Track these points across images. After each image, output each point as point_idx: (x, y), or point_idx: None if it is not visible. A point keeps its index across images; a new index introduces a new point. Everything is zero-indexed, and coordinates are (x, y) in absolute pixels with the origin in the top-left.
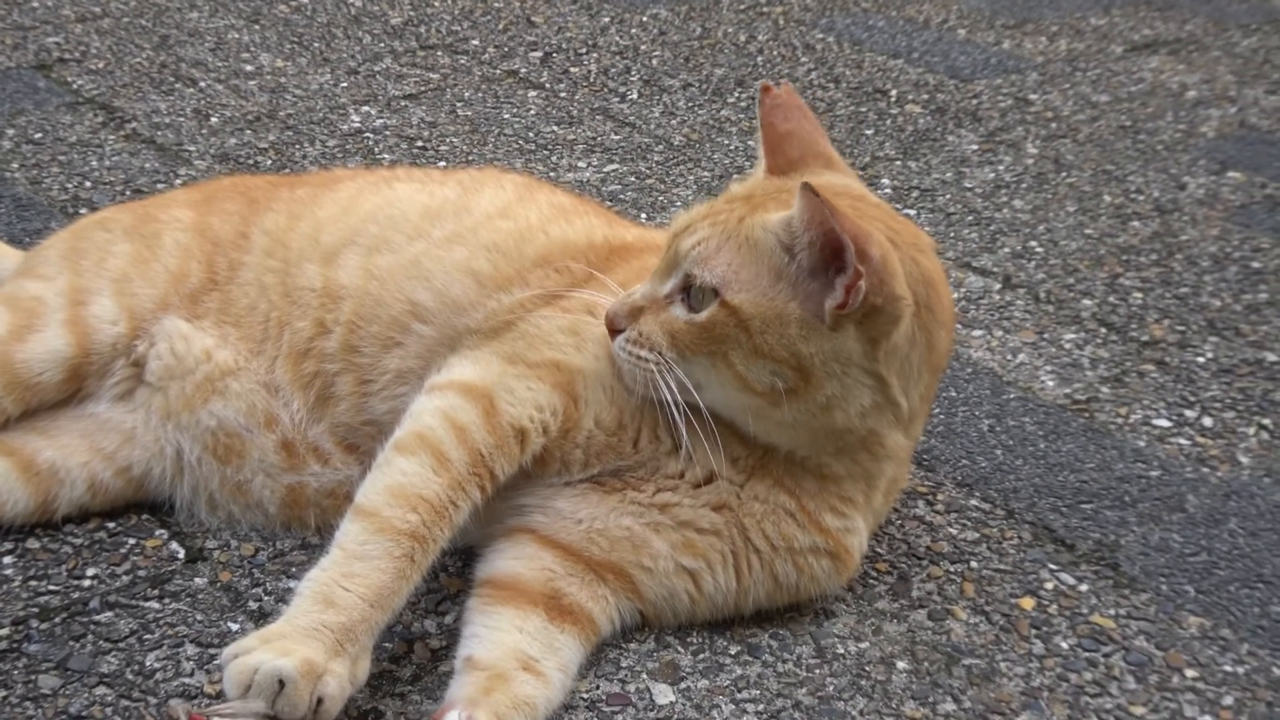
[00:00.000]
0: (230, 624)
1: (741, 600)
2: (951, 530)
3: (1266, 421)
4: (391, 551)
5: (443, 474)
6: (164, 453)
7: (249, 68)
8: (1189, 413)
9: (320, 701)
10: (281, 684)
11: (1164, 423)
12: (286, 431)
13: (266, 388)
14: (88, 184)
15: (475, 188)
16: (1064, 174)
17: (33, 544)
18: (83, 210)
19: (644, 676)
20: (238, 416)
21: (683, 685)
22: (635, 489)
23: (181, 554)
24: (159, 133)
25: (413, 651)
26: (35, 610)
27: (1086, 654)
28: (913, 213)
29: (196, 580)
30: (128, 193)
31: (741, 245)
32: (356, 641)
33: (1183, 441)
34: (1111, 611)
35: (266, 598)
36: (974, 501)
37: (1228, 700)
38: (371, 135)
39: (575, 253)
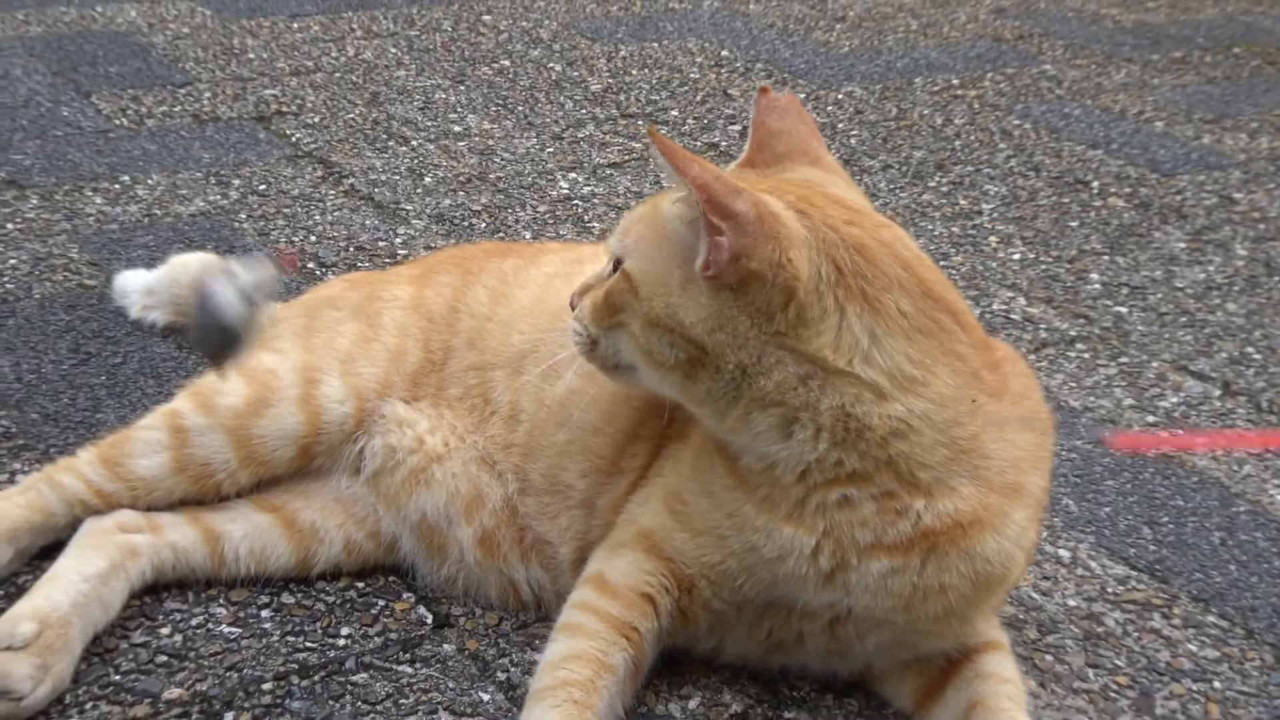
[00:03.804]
0: (481, 694)
1: None
2: (1191, 646)
3: None
4: (549, 705)
5: (577, 637)
6: (395, 532)
7: (457, 128)
8: None
9: None
10: None
11: None
12: (489, 518)
13: (480, 461)
14: (312, 238)
15: None
16: (1276, 278)
17: (288, 599)
18: (309, 265)
19: None
20: (438, 506)
21: None
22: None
23: (430, 619)
24: (376, 190)
25: None
26: (295, 667)
27: None
28: (1124, 310)
29: (445, 647)
30: (350, 248)
31: (653, 217)
32: None
33: None
34: None
35: (513, 669)
36: (1211, 618)
37: None
38: (580, 203)
39: None
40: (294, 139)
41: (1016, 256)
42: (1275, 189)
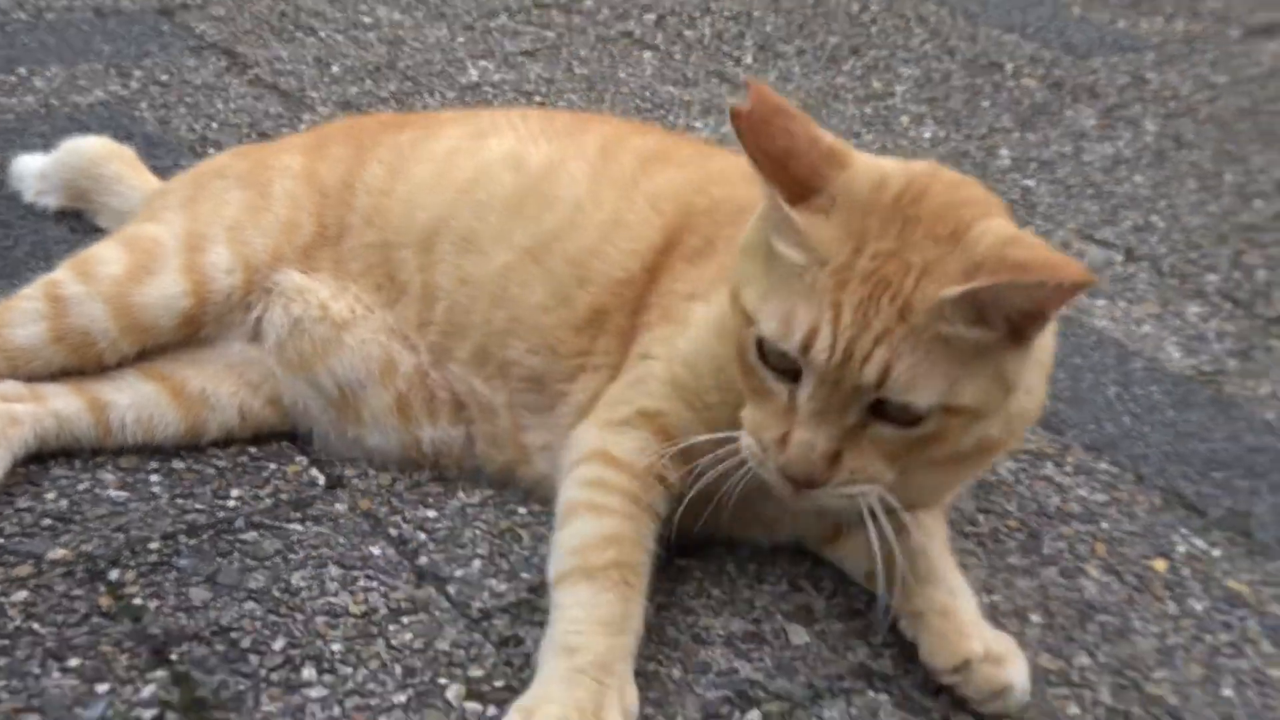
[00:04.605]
0: (372, 548)
1: None
2: (1081, 492)
3: None
4: (603, 586)
5: (607, 517)
6: (298, 398)
7: (367, 19)
8: None
9: None
10: None
11: None
12: (403, 382)
13: (390, 332)
14: (214, 125)
15: (560, 160)
16: (1184, 152)
17: (178, 464)
18: (210, 150)
19: (778, 617)
20: (352, 371)
21: (817, 628)
22: None
23: (321, 480)
24: (281, 79)
25: None
26: (183, 527)
27: (1221, 617)
28: (1032, 183)
29: (337, 506)
30: (253, 135)
31: (932, 347)
32: (613, 672)
33: None
34: (1245, 577)
35: (405, 525)
36: (1103, 465)
37: None
38: (490, 89)
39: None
40: (198, 31)
41: (928, 135)
42: (1188, 69)
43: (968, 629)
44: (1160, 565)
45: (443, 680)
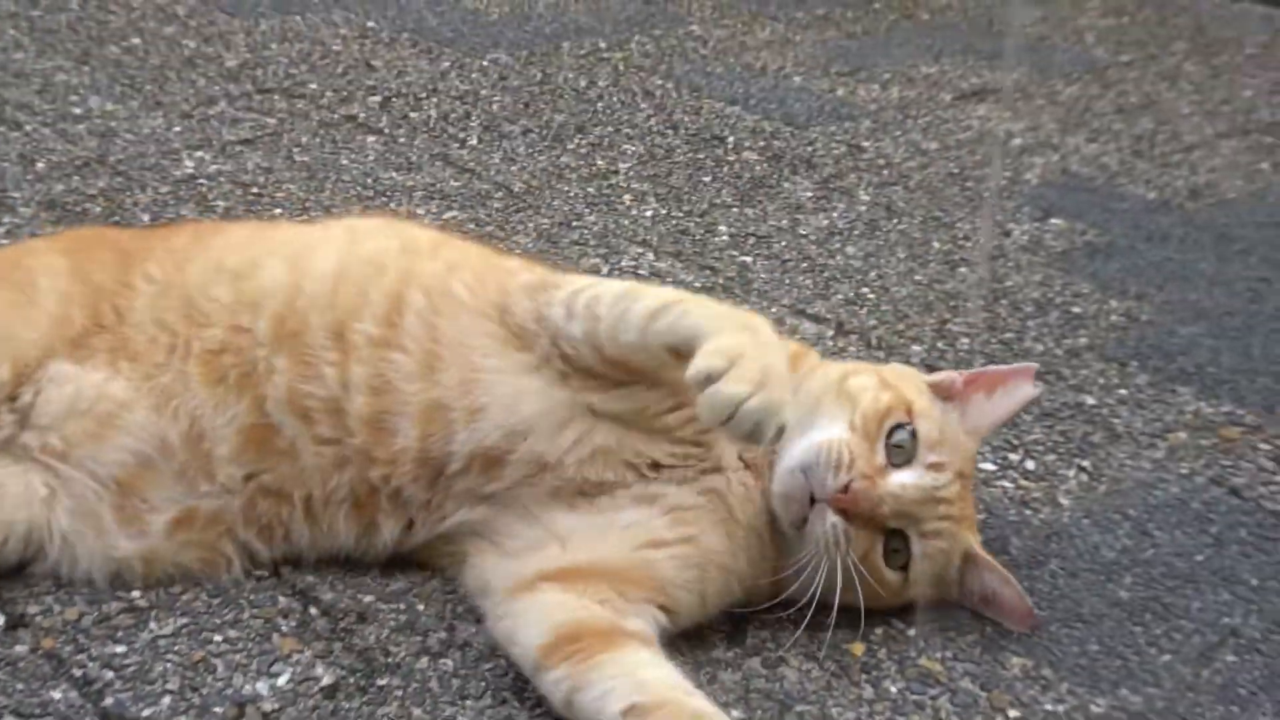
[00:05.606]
0: (53, 693)
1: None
2: None
3: (1085, 463)
4: None
5: None
6: (48, 499)
7: (78, 110)
8: (1013, 456)
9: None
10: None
11: (989, 466)
12: (179, 448)
13: (157, 408)
14: None
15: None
16: (895, 220)
17: None
18: None
19: None
20: (140, 445)
21: None
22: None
23: (1, 620)
24: None
25: (244, 716)
26: None
27: (914, 697)
28: (749, 259)
29: (17, 648)
30: None
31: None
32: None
33: (1007, 485)
34: (938, 654)
35: (91, 664)
36: None
37: None
38: (205, 181)
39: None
40: None
41: (649, 213)
42: (900, 136)
43: None
44: (858, 649)
45: None
